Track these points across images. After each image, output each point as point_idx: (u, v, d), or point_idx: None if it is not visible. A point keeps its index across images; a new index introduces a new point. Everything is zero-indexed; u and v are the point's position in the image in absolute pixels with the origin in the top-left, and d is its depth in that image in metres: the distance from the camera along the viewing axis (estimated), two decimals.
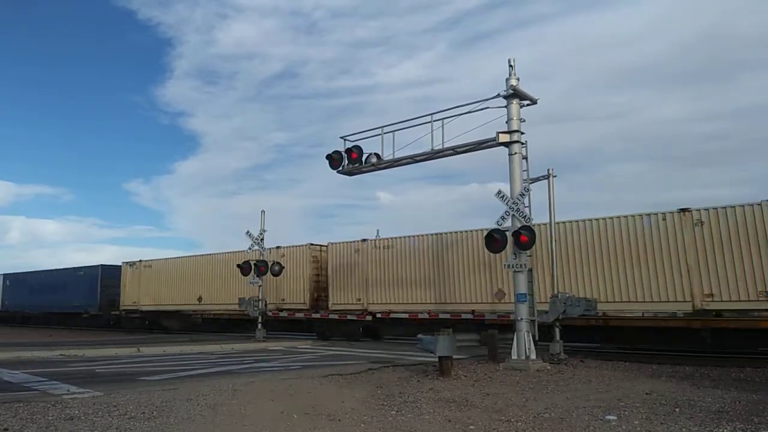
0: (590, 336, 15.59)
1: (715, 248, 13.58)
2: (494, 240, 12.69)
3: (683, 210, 14.14)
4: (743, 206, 13.34)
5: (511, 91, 12.81)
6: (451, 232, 18.88)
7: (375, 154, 15.44)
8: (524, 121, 13.01)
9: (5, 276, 42.92)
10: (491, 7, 70.79)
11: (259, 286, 22.01)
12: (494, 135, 13.01)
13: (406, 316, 19.26)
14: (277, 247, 23.82)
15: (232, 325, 25.77)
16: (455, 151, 14.18)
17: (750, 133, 53.41)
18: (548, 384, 9.65)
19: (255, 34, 78.31)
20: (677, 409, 7.20)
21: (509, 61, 12.95)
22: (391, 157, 15.06)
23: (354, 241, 21.63)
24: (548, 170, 13.62)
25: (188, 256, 29.34)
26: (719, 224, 13.58)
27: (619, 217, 15.22)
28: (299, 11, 76.63)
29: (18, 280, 41.42)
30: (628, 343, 15.12)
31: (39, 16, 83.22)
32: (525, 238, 12.21)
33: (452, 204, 69.73)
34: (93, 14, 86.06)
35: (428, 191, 78.18)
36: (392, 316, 19.73)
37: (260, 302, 22.02)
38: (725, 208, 13.59)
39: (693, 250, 13.88)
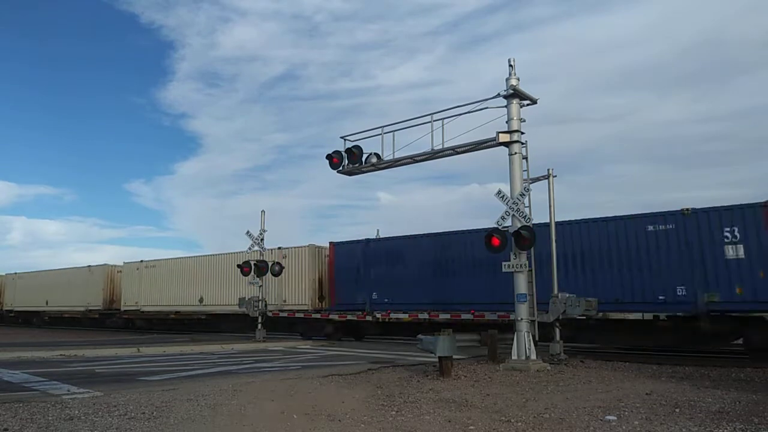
0: None
1: None
2: (494, 240, 12.68)
3: None
4: None
5: (511, 91, 12.81)
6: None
7: (375, 154, 15.45)
8: (524, 121, 13.00)
9: (340, 246, 21.27)
10: (490, 10, 70.86)
11: (260, 286, 21.93)
12: (494, 135, 13.02)
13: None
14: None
15: None
16: (455, 151, 14.18)
17: (748, 134, 53.42)
18: (548, 384, 9.65)
19: (256, 37, 78.41)
20: (677, 410, 7.19)
21: (509, 60, 12.94)
22: (391, 157, 15.06)
23: None
24: (548, 170, 13.60)
25: None
26: None
27: None
28: (300, 14, 76.74)
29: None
30: None
31: (42, 20, 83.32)
32: (525, 238, 12.22)
33: (452, 204, 69.74)
34: (96, 18, 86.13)
35: (428, 191, 78.29)
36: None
37: (260, 302, 21.92)
38: None
39: None
